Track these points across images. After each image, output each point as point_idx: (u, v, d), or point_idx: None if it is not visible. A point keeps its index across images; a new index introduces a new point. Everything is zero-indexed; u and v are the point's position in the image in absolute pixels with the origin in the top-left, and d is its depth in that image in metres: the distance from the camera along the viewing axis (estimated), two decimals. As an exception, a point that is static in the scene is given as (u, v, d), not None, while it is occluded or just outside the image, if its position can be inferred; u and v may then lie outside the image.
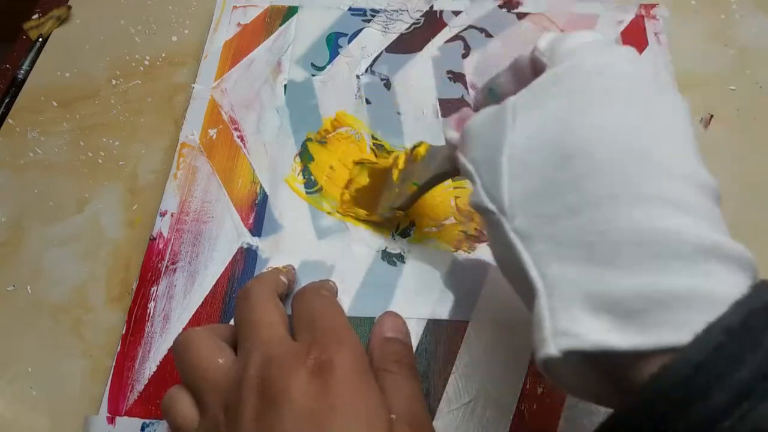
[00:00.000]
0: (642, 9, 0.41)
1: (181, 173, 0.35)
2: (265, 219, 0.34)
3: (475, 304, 0.31)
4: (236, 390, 0.21)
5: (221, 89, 0.39)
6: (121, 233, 0.35)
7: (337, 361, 0.21)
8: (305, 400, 0.19)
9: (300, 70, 0.40)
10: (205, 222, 0.34)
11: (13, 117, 0.40)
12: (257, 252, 0.33)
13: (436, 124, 0.37)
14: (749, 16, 0.42)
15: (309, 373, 0.20)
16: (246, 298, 0.25)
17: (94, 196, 0.36)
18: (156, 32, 0.43)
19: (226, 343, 0.24)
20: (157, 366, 0.29)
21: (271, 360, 0.21)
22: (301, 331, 0.23)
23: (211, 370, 0.22)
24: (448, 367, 0.29)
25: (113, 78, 0.41)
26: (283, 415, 0.19)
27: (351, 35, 0.41)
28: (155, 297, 0.31)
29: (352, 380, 0.20)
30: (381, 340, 0.27)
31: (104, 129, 0.39)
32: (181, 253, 0.33)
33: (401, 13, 0.42)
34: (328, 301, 0.25)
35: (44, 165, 0.38)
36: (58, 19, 0.44)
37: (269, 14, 0.42)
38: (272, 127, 0.37)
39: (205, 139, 0.37)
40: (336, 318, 0.24)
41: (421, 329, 0.30)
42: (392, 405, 0.22)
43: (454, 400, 0.28)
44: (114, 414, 0.28)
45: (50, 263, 0.34)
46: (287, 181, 0.35)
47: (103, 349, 0.31)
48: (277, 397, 0.20)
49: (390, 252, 0.32)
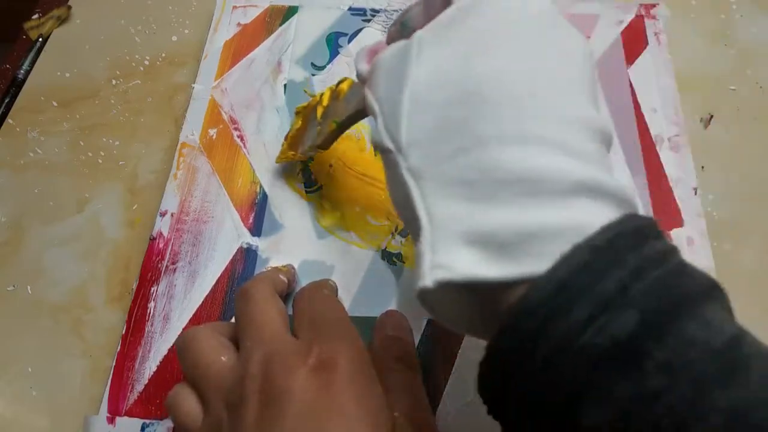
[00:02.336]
0: (642, 9, 0.41)
1: (181, 173, 0.35)
2: (265, 219, 0.34)
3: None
4: (239, 388, 0.21)
5: (221, 89, 0.39)
6: (121, 233, 0.35)
7: (339, 358, 0.21)
8: (308, 397, 0.19)
9: (300, 70, 0.40)
10: (205, 222, 0.34)
11: (13, 117, 0.40)
12: (257, 252, 0.33)
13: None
14: (749, 16, 0.42)
15: (311, 371, 0.20)
16: (245, 296, 0.25)
17: (94, 196, 0.36)
18: (156, 32, 0.43)
19: (229, 341, 0.24)
20: (157, 366, 0.29)
21: (273, 357, 0.21)
22: (302, 329, 0.23)
23: (214, 368, 0.22)
24: (448, 367, 0.29)
25: (113, 78, 0.41)
26: (286, 412, 0.19)
27: (351, 35, 0.41)
28: (155, 297, 0.31)
29: (354, 378, 0.20)
30: (383, 338, 0.27)
31: (104, 129, 0.39)
32: (181, 253, 0.33)
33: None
34: (329, 300, 0.25)
35: (44, 165, 0.38)
36: (58, 19, 0.44)
37: (269, 14, 0.42)
38: (272, 127, 0.37)
39: (205, 139, 0.37)
40: (338, 316, 0.24)
41: (421, 329, 0.30)
42: (394, 403, 0.22)
43: (455, 400, 0.28)
44: (114, 414, 0.28)
45: (50, 263, 0.34)
46: (287, 181, 0.35)
47: (103, 349, 0.31)
48: (280, 395, 0.20)
49: (390, 252, 0.32)
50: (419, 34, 0.19)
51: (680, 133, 0.36)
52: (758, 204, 0.34)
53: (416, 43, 0.19)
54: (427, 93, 0.18)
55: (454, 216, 0.17)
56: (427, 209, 0.17)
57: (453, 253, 0.16)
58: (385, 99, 0.20)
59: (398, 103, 0.19)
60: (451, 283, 0.16)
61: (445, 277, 0.16)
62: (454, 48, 0.18)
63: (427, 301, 0.17)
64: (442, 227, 0.17)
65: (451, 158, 0.17)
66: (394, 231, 0.33)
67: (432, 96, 0.18)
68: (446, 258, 0.16)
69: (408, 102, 0.19)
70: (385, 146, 0.19)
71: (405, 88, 0.19)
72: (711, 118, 0.38)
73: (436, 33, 0.19)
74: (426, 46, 0.19)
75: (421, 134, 0.18)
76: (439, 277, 0.16)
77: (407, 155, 0.18)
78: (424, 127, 0.18)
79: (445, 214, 0.17)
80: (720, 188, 0.35)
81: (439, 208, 0.17)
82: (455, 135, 0.17)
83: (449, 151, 0.17)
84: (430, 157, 0.18)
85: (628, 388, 0.14)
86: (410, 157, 0.18)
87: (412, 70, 0.19)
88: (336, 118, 0.29)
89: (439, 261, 0.16)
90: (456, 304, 0.18)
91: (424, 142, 0.18)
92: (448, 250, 0.16)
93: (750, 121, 0.37)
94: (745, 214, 0.34)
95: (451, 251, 0.16)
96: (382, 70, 0.20)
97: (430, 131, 0.18)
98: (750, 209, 0.34)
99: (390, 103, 0.19)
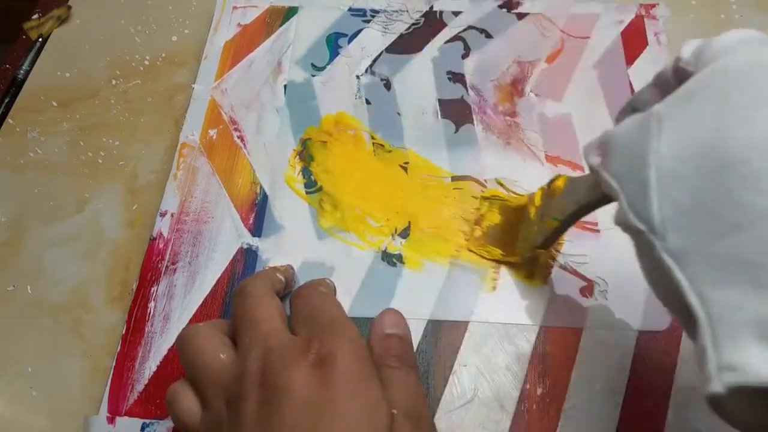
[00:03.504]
0: (642, 9, 0.41)
1: (181, 173, 0.35)
2: (265, 219, 0.34)
3: (476, 304, 0.31)
4: (238, 384, 0.21)
5: (221, 89, 0.39)
6: (121, 233, 0.35)
7: (338, 354, 0.21)
8: (307, 393, 0.19)
9: (300, 70, 0.40)
10: (205, 222, 0.34)
11: (13, 117, 0.40)
12: (257, 252, 0.33)
13: (436, 124, 0.37)
14: (749, 16, 0.42)
15: (310, 366, 0.20)
16: (243, 294, 0.25)
17: (94, 196, 0.36)
18: (156, 32, 0.43)
19: (228, 339, 0.24)
20: (157, 366, 0.29)
21: (272, 354, 0.21)
22: (300, 325, 0.23)
23: (213, 365, 0.22)
24: (448, 367, 0.29)
25: (113, 78, 0.41)
26: (285, 408, 0.19)
27: (351, 36, 0.41)
28: (155, 297, 0.31)
29: (353, 373, 0.20)
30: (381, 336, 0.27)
31: (104, 129, 0.39)
32: (181, 253, 0.33)
33: (401, 13, 0.42)
34: (326, 297, 0.25)
35: (44, 165, 0.38)
36: (58, 19, 0.44)
37: (269, 15, 0.42)
38: (272, 127, 0.37)
39: (205, 139, 0.37)
40: (336, 312, 0.24)
41: (421, 329, 0.30)
42: (393, 399, 0.22)
43: (454, 400, 0.28)
44: (114, 414, 0.28)
45: (50, 263, 0.34)
46: (287, 181, 0.35)
47: (103, 349, 0.31)
48: (279, 391, 0.20)
49: (390, 253, 0.32)
50: (657, 107, 0.18)
51: (680, 134, 0.36)
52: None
53: (655, 116, 0.18)
54: (675, 167, 0.17)
55: (736, 305, 0.15)
56: (700, 297, 0.15)
57: (742, 351, 0.14)
58: (627, 177, 0.18)
59: (643, 179, 0.17)
60: (745, 387, 0.14)
61: (739, 380, 0.14)
62: (701, 117, 0.17)
63: (719, 407, 0.15)
64: (723, 320, 0.15)
65: (719, 237, 0.15)
66: (394, 232, 0.33)
67: (682, 169, 0.17)
68: (734, 357, 0.14)
69: (655, 178, 0.17)
70: (634, 226, 0.18)
71: (649, 164, 0.17)
72: (711, 118, 0.37)
73: (677, 104, 0.18)
74: (666, 119, 0.18)
75: (676, 212, 0.16)
76: (730, 381, 0.14)
77: (663, 235, 0.17)
78: (678, 204, 0.16)
79: (724, 303, 0.15)
80: None
81: (715, 294, 0.15)
82: (719, 210, 0.15)
83: (714, 229, 0.15)
84: (692, 236, 0.16)
85: None
86: (667, 237, 0.17)
87: (654, 144, 0.17)
88: (556, 216, 0.28)
89: (726, 361, 0.14)
90: (753, 408, 0.15)
91: (681, 220, 0.16)
92: (736, 347, 0.14)
93: (750, 122, 0.37)
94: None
95: (740, 348, 0.14)
96: (619, 147, 0.19)
97: (686, 208, 0.16)
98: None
99: (633, 180, 0.18)
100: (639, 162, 0.18)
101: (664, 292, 0.18)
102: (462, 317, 0.30)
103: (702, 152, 0.16)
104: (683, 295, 0.16)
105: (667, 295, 0.18)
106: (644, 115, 0.19)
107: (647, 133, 0.18)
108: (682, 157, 0.17)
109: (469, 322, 0.30)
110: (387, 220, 0.33)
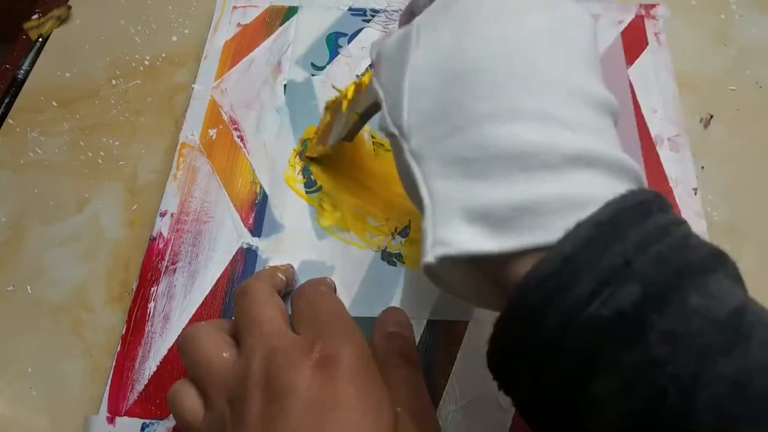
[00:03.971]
0: (642, 9, 0.41)
1: (181, 173, 0.35)
2: (265, 219, 0.34)
3: (475, 304, 0.31)
4: (241, 384, 0.21)
5: (221, 89, 0.39)
6: (121, 233, 0.35)
7: (342, 353, 0.21)
8: (310, 393, 0.19)
9: (300, 70, 0.40)
10: (205, 222, 0.34)
11: (13, 117, 0.40)
12: (257, 252, 0.33)
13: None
14: (749, 16, 0.42)
15: (314, 367, 0.20)
16: (244, 294, 0.25)
17: (94, 196, 0.36)
18: (156, 32, 0.43)
19: (231, 338, 0.24)
20: (157, 366, 0.29)
21: (275, 354, 0.21)
22: (303, 325, 0.23)
23: (216, 364, 0.22)
24: (448, 367, 0.29)
25: (113, 78, 0.41)
26: (289, 408, 0.19)
27: (351, 35, 0.41)
28: (155, 297, 0.31)
29: (357, 373, 0.20)
30: (384, 335, 0.27)
31: (104, 129, 0.39)
32: (181, 253, 0.33)
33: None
34: (328, 296, 0.25)
35: (44, 165, 0.38)
36: (58, 19, 0.44)
37: (269, 14, 0.42)
38: (272, 127, 0.37)
39: (205, 139, 0.37)
40: (338, 312, 0.24)
41: (421, 329, 0.30)
42: (396, 398, 0.22)
43: (455, 400, 0.28)
44: (114, 414, 0.28)
45: (50, 263, 0.34)
46: (287, 181, 0.35)
47: (103, 349, 0.31)
48: (283, 391, 0.20)
49: (390, 252, 0.32)
50: (417, 20, 0.20)
51: (680, 133, 0.36)
52: (758, 204, 0.34)
53: (415, 29, 0.20)
54: (424, 77, 0.19)
55: (453, 194, 0.17)
56: (428, 189, 0.18)
57: (452, 230, 0.17)
58: (389, 86, 0.20)
59: (400, 89, 0.19)
60: (451, 258, 0.17)
61: (445, 252, 0.17)
62: (447, 30, 0.19)
63: (433, 276, 0.18)
64: (441, 205, 0.17)
65: (448, 138, 0.18)
66: (394, 231, 0.33)
67: (429, 80, 0.19)
68: (446, 234, 0.17)
69: (408, 87, 0.19)
70: (390, 131, 0.20)
71: (405, 74, 0.19)
72: (711, 118, 0.38)
73: (433, 17, 0.20)
74: (423, 31, 0.19)
75: (420, 117, 0.19)
76: (439, 252, 0.17)
77: (409, 139, 0.19)
78: (422, 111, 0.19)
79: (443, 193, 0.18)
80: (720, 188, 0.35)
81: (439, 187, 0.18)
82: (450, 116, 0.18)
83: (445, 132, 0.18)
84: (429, 138, 0.18)
85: (633, 358, 0.14)
86: (412, 140, 0.19)
87: (411, 55, 0.19)
88: (358, 110, 0.29)
89: (439, 238, 0.17)
90: (463, 279, 0.18)
91: (423, 125, 0.19)
92: (447, 227, 0.17)
93: (750, 121, 0.37)
94: (744, 215, 0.34)
95: (450, 228, 0.17)
96: (386, 58, 0.21)
97: (428, 114, 0.18)
98: (750, 209, 0.34)
99: (393, 89, 0.20)
100: (399, 72, 0.20)
101: (410, 189, 0.20)
102: (462, 317, 0.30)
103: (443, 65, 0.18)
104: (417, 189, 0.18)
105: (411, 191, 0.20)
106: (408, 27, 0.20)
107: (407, 45, 0.20)
108: (430, 67, 0.19)
109: (469, 321, 0.30)
110: (387, 220, 0.33)
